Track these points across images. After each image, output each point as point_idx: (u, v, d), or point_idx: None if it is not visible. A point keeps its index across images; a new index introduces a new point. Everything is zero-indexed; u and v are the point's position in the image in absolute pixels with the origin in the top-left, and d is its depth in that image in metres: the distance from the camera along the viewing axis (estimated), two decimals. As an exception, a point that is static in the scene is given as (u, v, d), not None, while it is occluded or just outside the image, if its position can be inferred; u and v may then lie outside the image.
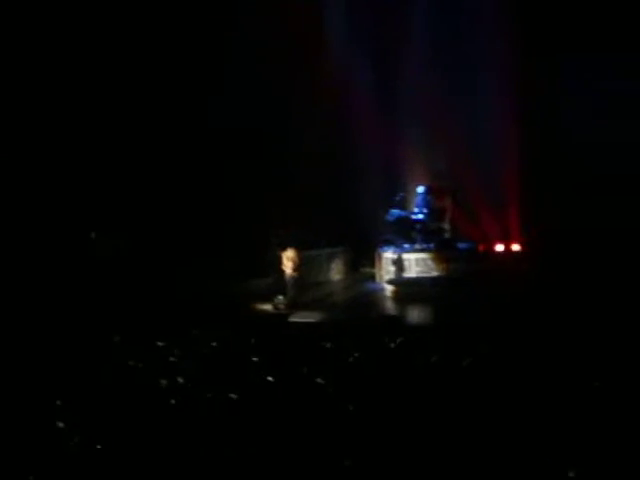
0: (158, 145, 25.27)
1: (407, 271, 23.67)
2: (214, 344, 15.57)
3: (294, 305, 21.74)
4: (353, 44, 25.38)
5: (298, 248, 22.49)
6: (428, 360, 13.63)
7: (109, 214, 25.58)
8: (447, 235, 24.52)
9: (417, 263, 23.50)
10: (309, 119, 24.52)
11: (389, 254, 24.07)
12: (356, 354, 14.06)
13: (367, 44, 25.20)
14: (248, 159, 24.72)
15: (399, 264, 23.82)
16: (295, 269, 22.32)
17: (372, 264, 25.21)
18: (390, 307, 22.09)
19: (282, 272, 22.40)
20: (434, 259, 23.59)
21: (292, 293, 22.18)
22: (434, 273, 23.09)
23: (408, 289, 22.65)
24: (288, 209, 24.03)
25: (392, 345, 14.81)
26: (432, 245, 24.16)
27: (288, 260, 22.30)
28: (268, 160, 24.96)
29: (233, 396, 12.01)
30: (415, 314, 20.54)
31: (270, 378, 12.82)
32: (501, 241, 23.90)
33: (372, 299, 23.28)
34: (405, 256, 23.91)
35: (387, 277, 23.86)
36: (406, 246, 24.39)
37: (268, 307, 21.80)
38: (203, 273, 23.17)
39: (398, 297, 22.41)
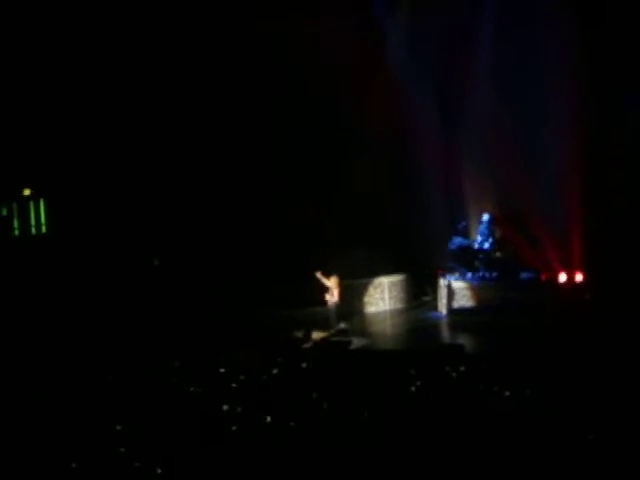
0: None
1: (469, 300, 23.56)
2: (275, 371, 15.59)
3: (343, 333, 21.72)
4: (414, 64, 25.25)
5: (340, 276, 22.45)
6: (490, 389, 13.52)
7: (168, 241, 25.91)
8: (510, 264, 24.27)
9: (479, 292, 23.40)
10: (369, 143, 24.41)
11: (451, 283, 23.95)
12: (418, 383, 14.00)
13: (429, 62, 25.00)
14: (307, 184, 24.78)
15: (461, 293, 23.71)
16: (337, 297, 22.29)
17: (433, 292, 25.07)
18: (451, 336, 21.99)
19: (326, 301, 22.43)
20: (496, 289, 23.45)
21: (334, 322, 22.17)
22: (496, 302, 22.90)
23: (470, 318, 22.50)
24: (345, 236, 24.00)
25: (454, 374, 14.72)
26: (495, 274, 24.04)
27: (330, 288, 22.29)
28: (326, 184, 24.94)
29: (292, 424, 12.01)
30: (477, 343, 20.36)
31: (325, 406, 12.80)
32: (564, 270, 23.59)
33: (433, 328, 23.16)
34: (467, 285, 23.82)
35: (449, 306, 23.73)
36: (468, 275, 24.27)
37: (326, 334, 21.71)
38: (253, 299, 23.26)
39: (460, 326, 22.25)
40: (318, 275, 22.21)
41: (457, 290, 23.76)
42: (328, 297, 22.26)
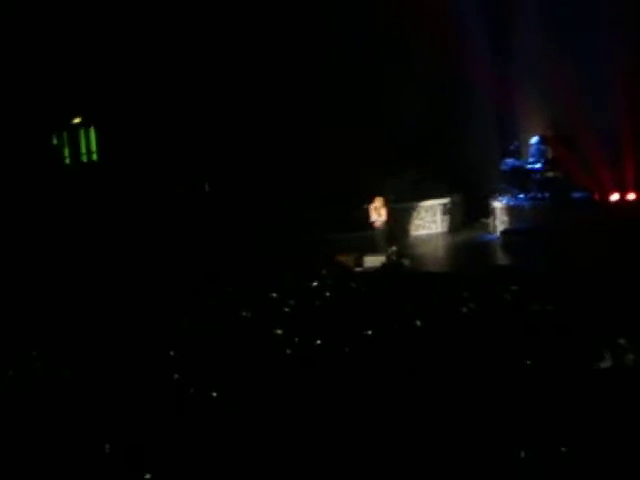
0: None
1: (522, 221, 23.40)
2: (327, 294, 15.62)
3: (395, 256, 21.68)
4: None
5: (386, 198, 22.40)
6: (544, 309, 13.44)
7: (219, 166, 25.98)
8: (561, 185, 24.03)
9: (532, 212, 23.23)
10: (420, 63, 24.10)
11: (503, 204, 23.81)
12: (471, 304, 13.95)
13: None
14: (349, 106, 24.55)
15: (513, 214, 23.56)
16: (383, 220, 22.26)
17: (485, 215, 24.91)
18: (504, 257, 21.90)
19: (372, 224, 22.42)
20: (548, 209, 23.28)
21: (384, 244, 22.13)
22: (548, 222, 22.75)
23: (522, 239, 22.36)
24: (395, 159, 23.84)
25: (507, 295, 14.65)
26: (547, 195, 23.85)
27: (376, 211, 22.27)
28: (375, 108, 24.72)
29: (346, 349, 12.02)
30: (529, 264, 20.22)
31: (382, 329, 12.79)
32: (616, 190, 23.35)
33: (485, 249, 23.10)
34: (519, 206, 23.65)
35: (501, 227, 23.61)
36: (521, 196, 24.10)
37: (380, 258, 21.67)
38: (297, 224, 23.20)
39: (512, 247, 22.14)
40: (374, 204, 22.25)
41: (509, 211, 23.63)
42: (375, 217, 22.27)
